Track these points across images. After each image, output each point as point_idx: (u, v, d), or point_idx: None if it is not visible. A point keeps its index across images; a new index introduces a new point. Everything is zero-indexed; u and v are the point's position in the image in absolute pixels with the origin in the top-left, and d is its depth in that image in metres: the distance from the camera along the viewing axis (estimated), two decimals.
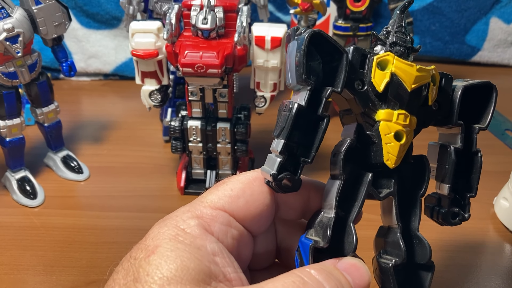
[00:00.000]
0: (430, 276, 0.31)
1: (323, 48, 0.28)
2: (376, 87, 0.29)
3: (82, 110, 0.80)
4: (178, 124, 0.55)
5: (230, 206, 0.30)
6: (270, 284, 0.26)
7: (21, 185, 0.57)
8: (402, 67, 0.28)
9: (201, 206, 0.30)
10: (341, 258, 0.28)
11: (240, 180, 0.31)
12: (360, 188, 0.29)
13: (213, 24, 0.49)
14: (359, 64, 0.29)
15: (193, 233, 0.28)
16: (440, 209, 0.32)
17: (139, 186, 0.59)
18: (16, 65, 0.53)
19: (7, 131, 0.55)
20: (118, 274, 0.27)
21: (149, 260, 0.26)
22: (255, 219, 0.31)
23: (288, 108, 0.28)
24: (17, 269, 0.47)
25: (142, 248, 0.27)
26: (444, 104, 0.31)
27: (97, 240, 0.50)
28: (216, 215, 0.30)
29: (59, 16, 0.54)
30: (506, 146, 0.66)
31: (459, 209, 0.32)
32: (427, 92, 0.29)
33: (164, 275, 0.25)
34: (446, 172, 0.31)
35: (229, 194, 0.30)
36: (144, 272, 0.26)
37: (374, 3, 0.68)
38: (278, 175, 0.28)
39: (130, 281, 0.26)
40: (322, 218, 0.29)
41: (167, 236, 0.27)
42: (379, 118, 0.29)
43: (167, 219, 0.29)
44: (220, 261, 0.28)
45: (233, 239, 0.30)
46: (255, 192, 0.30)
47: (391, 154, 0.29)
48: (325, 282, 0.27)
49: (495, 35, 0.87)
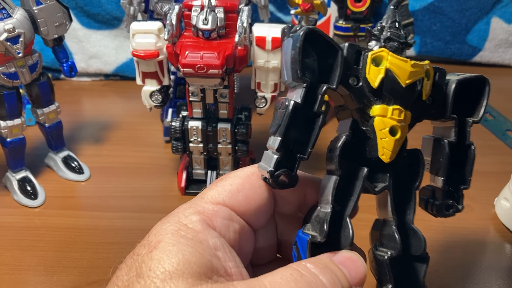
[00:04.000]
0: (425, 267, 0.32)
1: (318, 45, 0.28)
2: (371, 83, 0.29)
3: (82, 111, 0.80)
4: (179, 124, 0.55)
5: (230, 201, 0.30)
6: (269, 277, 0.27)
7: (22, 186, 0.57)
8: (396, 62, 0.29)
9: (202, 202, 0.30)
10: (337, 252, 0.29)
11: (239, 175, 0.31)
12: (355, 183, 0.29)
13: (213, 24, 0.49)
14: (354, 60, 0.29)
15: (195, 228, 0.28)
16: (435, 201, 0.33)
17: (139, 187, 0.59)
18: (17, 65, 0.53)
19: (8, 132, 0.55)
20: (121, 270, 0.27)
21: (151, 255, 0.26)
22: (255, 213, 0.31)
23: (284, 105, 0.28)
24: (18, 269, 0.47)
25: (144, 245, 0.28)
26: (438, 98, 0.31)
27: (98, 241, 0.50)
28: (218, 210, 0.30)
29: (60, 17, 0.54)
30: (507, 146, 0.66)
31: (453, 201, 0.33)
32: (421, 87, 0.30)
33: (166, 269, 0.25)
34: (440, 165, 0.32)
35: (229, 189, 0.31)
36: (147, 267, 0.26)
37: (375, 3, 0.68)
38: (275, 172, 0.28)
39: (133, 277, 0.26)
40: (318, 213, 0.29)
41: (169, 231, 0.28)
42: (374, 114, 0.29)
43: (169, 216, 0.29)
44: (222, 255, 0.28)
45: (235, 233, 0.30)
46: (254, 186, 0.31)
47: (386, 149, 0.29)
48: (321, 275, 0.27)
49: (496, 35, 0.87)
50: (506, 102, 0.75)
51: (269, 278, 0.27)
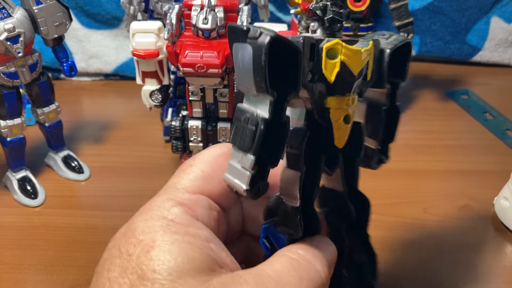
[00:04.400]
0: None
1: (279, 50, 0.26)
2: (327, 79, 0.28)
3: (82, 110, 0.80)
4: (179, 124, 0.55)
5: (206, 188, 0.30)
6: (269, 266, 0.27)
7: (22, 185, 0.57)
8: (350, 54, 0.28)
9: (179, 193, 0.30)
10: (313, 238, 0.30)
11: (207, 159, 0.31)
12: (315, 172, 0.30)
13: (213, 24, 0.49)
14: (309, 54, 0.27)
15: (183, 222, 0.28)
16: (365, 157, 0.34)
17: (139, 186, 0.59)
18: (17, 65, 0.53)
19: (8, 131, 0.55)
20: (111, 272, 0.26)
21: (150, 256, 0.26)
22: (227, 195, 0.31)
23: (253, 121, 0.26)
24: (18, 269, 0.47)
25: (134, 243, 0.27)
26: (376, 71, 0.31)
27: (98, 240, 0.50)
28: (196, 199, 0.29)
29: (60, 16, 0.54)
30: (506, 146, 0.66)
31: (380, 155, 0.34)
32: (367, 68, 0.30)
33: (172, 270, 0.25)
34: (377, 132, 0.33)
35: (201, 176, 0.30)
36: (149, 269, 0.25)
37: (375, 3, 0.68)
38: (251, 189, 0.27)
39: (134, 280, 0.25)
40: (286, 208, 0.30)
41: (159, 228, 0.27)
42: (330, 106, 0.29)
43: (149, 211, 0.29)
44: (214, 247, 0.28)
45: (215, 221, 0.30)
46: (223, 168, 0.29)
47: (341, 137, 0.30)
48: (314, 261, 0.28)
49: (496, 34, 0.87)
50: (506, 102, 0.75)
51: (270, 267, 0.27)
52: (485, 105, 0.75)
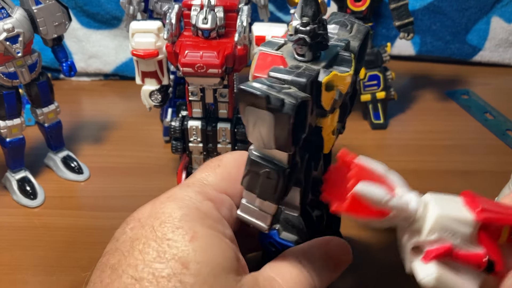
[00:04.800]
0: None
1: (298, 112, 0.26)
2: (324, 107, 0.28)
3: (82, 110, 0.80)
4: (179, 124, 0.54)
5: (231, 191, 0.31)
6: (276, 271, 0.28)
7: (21, 186, 0.57)
8: (342, 80, 0.29)
9: (207, 188, 0.30)
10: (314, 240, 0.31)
11: (233, 163, 0.32)
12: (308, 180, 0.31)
13: (213, 24, 0.49)
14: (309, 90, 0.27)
15: (214, 218, 0.28)
16: None
17: (139, 186, 0.59)
18: (16, 65, 0.53)
19: (7, 132, 0.55)
20: (146, 255, 0.26)
21: (194, 247, 0.26)
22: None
23: (274, 175, 0.27)
24: (18, 269, 0.47)
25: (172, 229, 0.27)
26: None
27: (98, 240, 0.50)
28: (223, 199, 0.30)
29: (59, 16, 0.54)
30: (507, 146, 0.66)
31: (340, 128, 0.35)
32: None
33: (214, 264, 0.26)
34: (342, 114, 0.34)
35: (228, 178, 0.31)
36: (192, 260, 0.25)
37: (375, 3, 0.67)
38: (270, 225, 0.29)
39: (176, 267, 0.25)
40: (287, 216, 0.31)
41: (197, 219, 0.27)
42: (322, 125, 0.30)
43: (179, 200, 0.28)
44: (236, 248, 0.28)
45: (234, 222, 0.30)
46: None
47: (329, 146, 0.31)
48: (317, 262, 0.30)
49: (496, 34, 0.87)
50: (506, 102, 0.75)
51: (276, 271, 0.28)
52: (486, 105, 0.75)
